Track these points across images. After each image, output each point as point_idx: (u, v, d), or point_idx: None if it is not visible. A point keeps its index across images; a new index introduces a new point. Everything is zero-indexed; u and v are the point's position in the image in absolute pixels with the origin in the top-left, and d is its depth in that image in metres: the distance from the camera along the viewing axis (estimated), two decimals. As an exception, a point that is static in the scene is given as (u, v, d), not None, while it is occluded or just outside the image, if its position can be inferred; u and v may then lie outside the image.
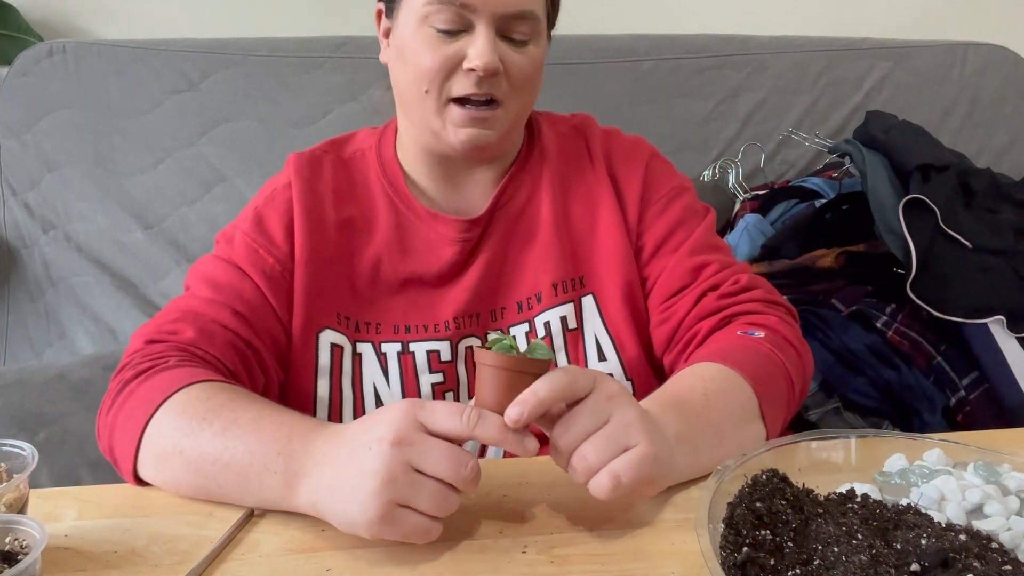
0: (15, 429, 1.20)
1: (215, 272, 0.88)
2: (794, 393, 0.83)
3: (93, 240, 1.61)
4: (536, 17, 0.85)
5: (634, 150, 0.97)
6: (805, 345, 0.89)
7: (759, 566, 0.54)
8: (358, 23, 1.80)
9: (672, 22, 1.93)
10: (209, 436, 0.69)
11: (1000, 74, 1.88)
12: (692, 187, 1.00)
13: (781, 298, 0.93)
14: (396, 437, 0.60)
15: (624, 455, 0.61)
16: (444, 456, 0.60)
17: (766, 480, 0.62)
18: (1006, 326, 1.29)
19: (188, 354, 0.80)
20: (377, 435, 0.60)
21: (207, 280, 0.88)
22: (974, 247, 1.35)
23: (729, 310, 0.89)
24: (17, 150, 1.64)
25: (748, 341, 0.83)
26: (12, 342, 1.60)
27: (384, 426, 0.60)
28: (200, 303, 0.86)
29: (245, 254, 0.89)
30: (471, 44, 0.82)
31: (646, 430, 0.62)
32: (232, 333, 0.84)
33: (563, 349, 0.91)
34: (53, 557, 0.64)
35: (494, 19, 0.82)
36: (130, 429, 0.73)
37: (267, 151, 1.66)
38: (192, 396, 0.73)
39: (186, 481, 0.71)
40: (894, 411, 1.31)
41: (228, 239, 0.91)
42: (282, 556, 0.64)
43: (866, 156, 1.46)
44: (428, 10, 0.82)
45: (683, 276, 0.91)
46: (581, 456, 0.61)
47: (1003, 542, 0.59)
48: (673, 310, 0.91)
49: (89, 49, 1.68)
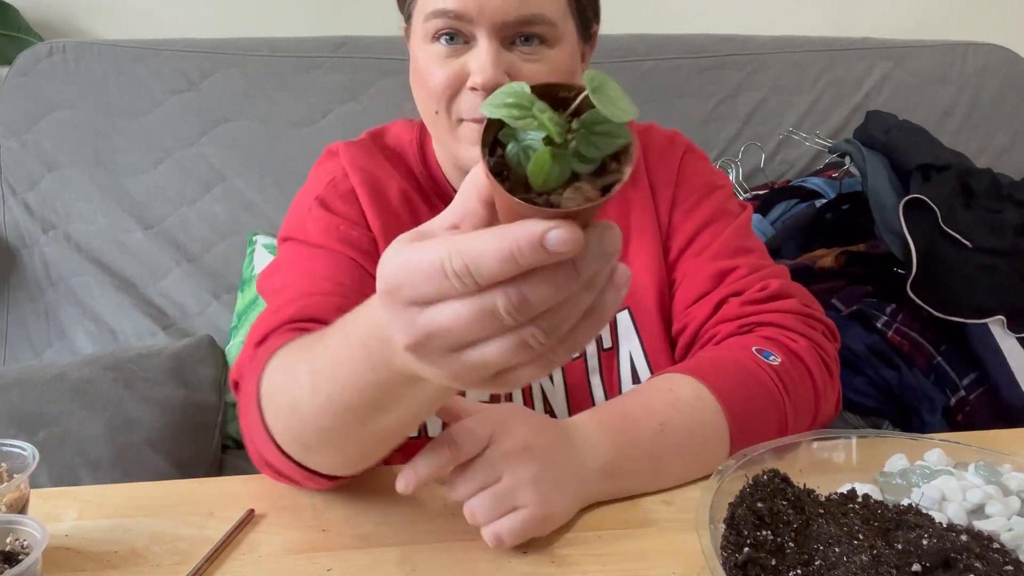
0: (15, 429, 1.19)
1: (305, 262, 0.81)
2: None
3: (93, 240, 1.61)
4: (548, 21, 0.78)
5: (669, 147, 0.93)
6: (832, 378, 0.81)
7: (760, 566, 0.54)
8: (358, 23, 1.80)
9: (672, 22, 1.93)
10: (308, 399, 0.58)
11: (1000, 74, 1.88)
12: (728, 184, 0.93)
13: (819, 310, 0.84)
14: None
15: (509, 517, 0.61)
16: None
17: (767, 480, 0.62)
18: (1006, 326, 1.29)
19: (286, 332, 0.72)
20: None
21: (299, 270, 0.81)
22: (974, 247, 1.35)
23: (752, 318, 0.81)
24: (17, 150, 1.64)
25: (753, 366, 0.75)
26: (12, 342, 1.60)
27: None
28: (302, 281, 0.78)
29: (329, 233, 0.83)
30: (473, 59, 0.77)
31: (539, 491, 0.62)
32: (339, 298, 0.76)
33: (597, 371, 0.87)
34: (54, 557, 0.64)
35: (495, 29, 0.77)
36: (259, 436, 0.66)
37: (267, 151, 1.66)
38: (272, 371, 0.64)
39: (347, 454, 0.63)
40: (894, 411, 1.31)
41: (300, 230, 0.85)
42: (282, 556, 0.64)
43: (866, 156, 1.46)
44: (428, 25, 0.79)
45: (704, 282, 0.85)
46: (470, 510, 0.62)
47: (1004, 542, 0.59)
48: (691, 316, 0.85)
49: (89, 49, 1.68)
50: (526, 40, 0.78)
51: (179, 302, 1.60)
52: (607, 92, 0.36)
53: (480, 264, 0.37)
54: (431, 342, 0.41)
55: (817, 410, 0.79)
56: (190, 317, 1.59)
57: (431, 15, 0.78)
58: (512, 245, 0.36)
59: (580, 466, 0.66)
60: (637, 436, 0.70)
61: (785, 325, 0.80)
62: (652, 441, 0.70)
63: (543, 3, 0.77)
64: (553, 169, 0.36)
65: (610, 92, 0.36)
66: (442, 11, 0.77)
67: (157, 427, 1.26)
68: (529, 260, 0.36)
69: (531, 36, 0.78)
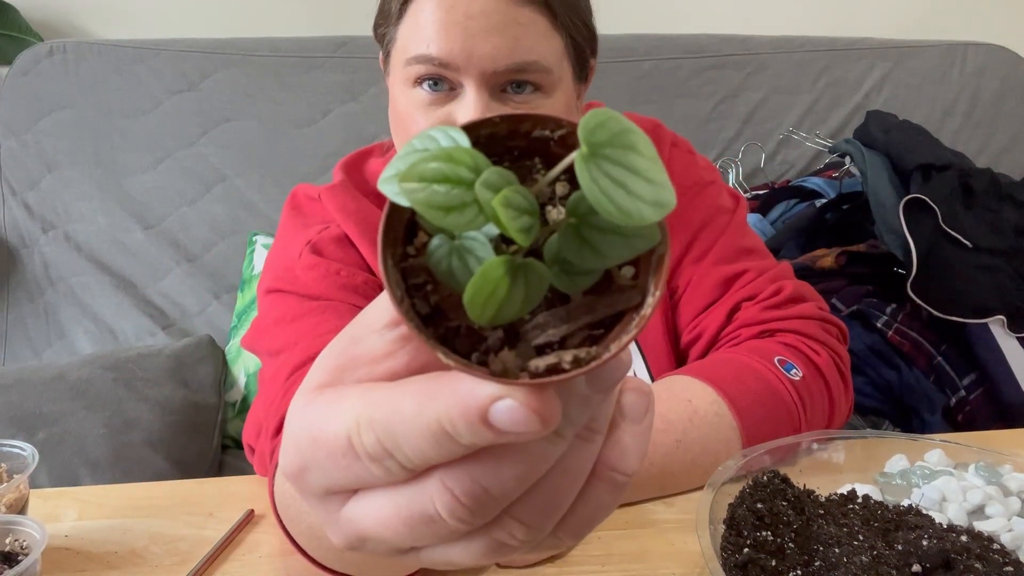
0: (15, 429, 1.19)
1: (291, 316, 0.75)
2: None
3: (93, 240, 1.61)
4: (543, 68, 0.71)
5: (652, 140, 0.89)
6: (847, 387, 0.79)
7: (760, 567, 0.54)
8: (358, 23, 1.79)
9: (672, 22, 1.93)
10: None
11: (1000, 74, 1.88)
12: (717, 176, 0.89)
13: (828, 309, 0.83)
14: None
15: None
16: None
17: (767, 481, 0.62)
18: (1006, 326, 1.29)
19: None
20: None
21: (292, 329, 0.74)
22: (974, 247, 1.35)
23: (773, 324, 0.78)
24: (17, 150, 1.64)
25: (775, 382, 0.72)
26: (12, 342, 1.60)
27: None
28: (300, 358, 0.71)
29: (326, 282, 0.76)
30: (459, 109, 0.71)
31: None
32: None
33: None
34: (53, 557, 0.64)
35: (484, 78, 0.70)
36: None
37: (267, 151, 1.66)
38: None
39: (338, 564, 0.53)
40: (894, 411, 1.31)
41: (288, 279, 0.78)
42: (283, 556, 0.64)
43: (866, 156, 1.46)
44: (409, 71, 0.72)
45: (712, 289, 0.82)
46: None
47: (1004, 543, 0.59)
48: (704, 326, 0.81)
49: (89, 49, 1.68)
50: (518, 87, 0.72)
51: (179, 302, 1.60)
52: (614, 156, 0.19)
53: (400, 442, 0.24)
54: (368, 546, 0.27)
55: (830, 422, 0.78)
56: (190, 317, 1.59)
57: (413, 60, 0.71)
58: (440, 417, 0.23)
59: None
60: (652, 451, 0.68)
61: (807, 333, 0.78)
62: (667, 457, 0.68)
63: (537, 49, 0.70)
64: (513, 294, 0.21)
65: (620, 157, 0.19)
66: (426, 57, 0.70)
67: (157, 427, 1.26)
68: (470, 440, 0.23)
69: (524, 83, 0.72)
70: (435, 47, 0.69)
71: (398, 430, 0.24)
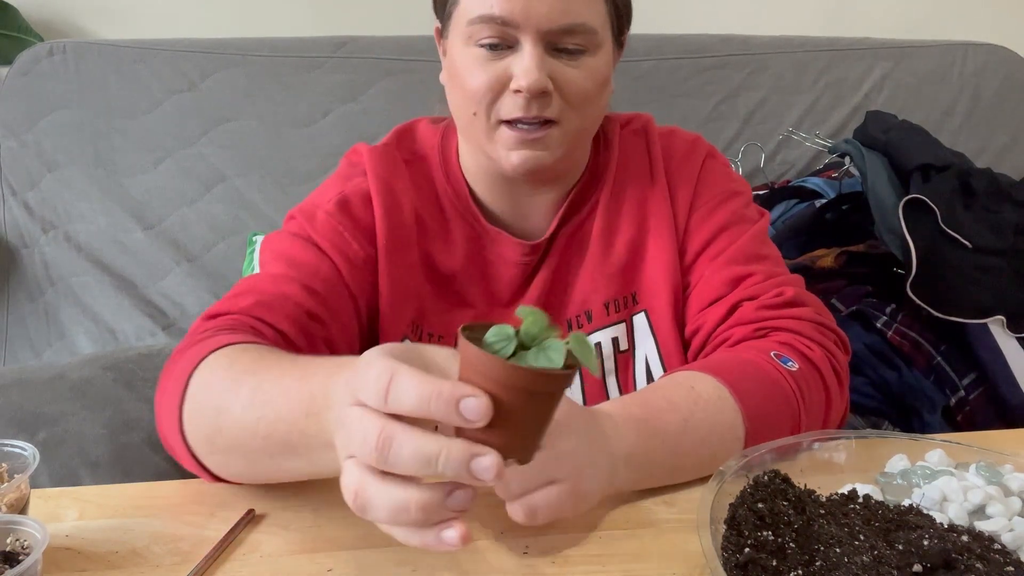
0: (15, 429, 1.19)
1: (291, 249, 0.84)
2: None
3: (93, 240, 1.61)
4: (590, 29, 0.79)
5: (691, 151, 0.93)
6: (842, 389, 0.81)
7: (761, 567, 0.54)
8: (358, 23, 1.80)
9: (672, 22, 1.93)
10: (239, 411, 0.62)
11: (1000, 74, 1.88)
12: (748, 190, 0.94)
13: (832, 321, 0.85)
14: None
15: (545, 489, 0.59)
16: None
17: (768, 481, 0.62)
18: (1006, 326, 1.29)
19: (238, 322, 0.75)
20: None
21: (281, 257, 0.83)
22: (974, 247, 1.35)
23: (767, 323, 0.82)
24: (17, 150, 1.64)
25: (772, 370, 0.76)
26: (12, 342, 1.60)
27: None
28: (269, 278, 0.81)
29: (329, 235, 0.84)
30: (517, 62, 0.78)
31: (576, 465, 0.60)
32: (296, 304, 0.79)
33: (613, 372, 0.88)
34: (54, 557, 0.64)
35: (540, 34, 0.77)
36: (167, 411, 0.69)
37: (267, 151, 1.66)
38: (214, 365, 0.67)
39: (242, 469, 0.67)
40: (894, 411, 1.31)
41: (308, 216, 0.86)
42: (283, 556, 0.64)
43: (866, 156, 1.46)
44: (471, 29, 0.79)
45: (719, 286, 0.86)
46: (504, 480, 0.57)
47: (1005, 543, 0.59)
48: (705, 319, 0.86)
49: (89, 49, 1.68)
50: (568, 52, 0.80)
51: (179, 302, 1.60)
52: (549, 352, 0.47)
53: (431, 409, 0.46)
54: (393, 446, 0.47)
55: (826, 420, 0.79)
56: (190, 317, 1.59)
57: (476, 20, 0.78)
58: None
59: (609, 451, 0.65)
60: (662, 430, 0.70)
61: (801, 332, 0.81)
62: (676, 436, 0.70)
63: (586, 12, 0.79)
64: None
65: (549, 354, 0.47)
66: (489, 17, 0.77)
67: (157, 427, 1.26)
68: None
69: (571, 44, 0.79)
70: (498, 7, 0.77)
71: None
